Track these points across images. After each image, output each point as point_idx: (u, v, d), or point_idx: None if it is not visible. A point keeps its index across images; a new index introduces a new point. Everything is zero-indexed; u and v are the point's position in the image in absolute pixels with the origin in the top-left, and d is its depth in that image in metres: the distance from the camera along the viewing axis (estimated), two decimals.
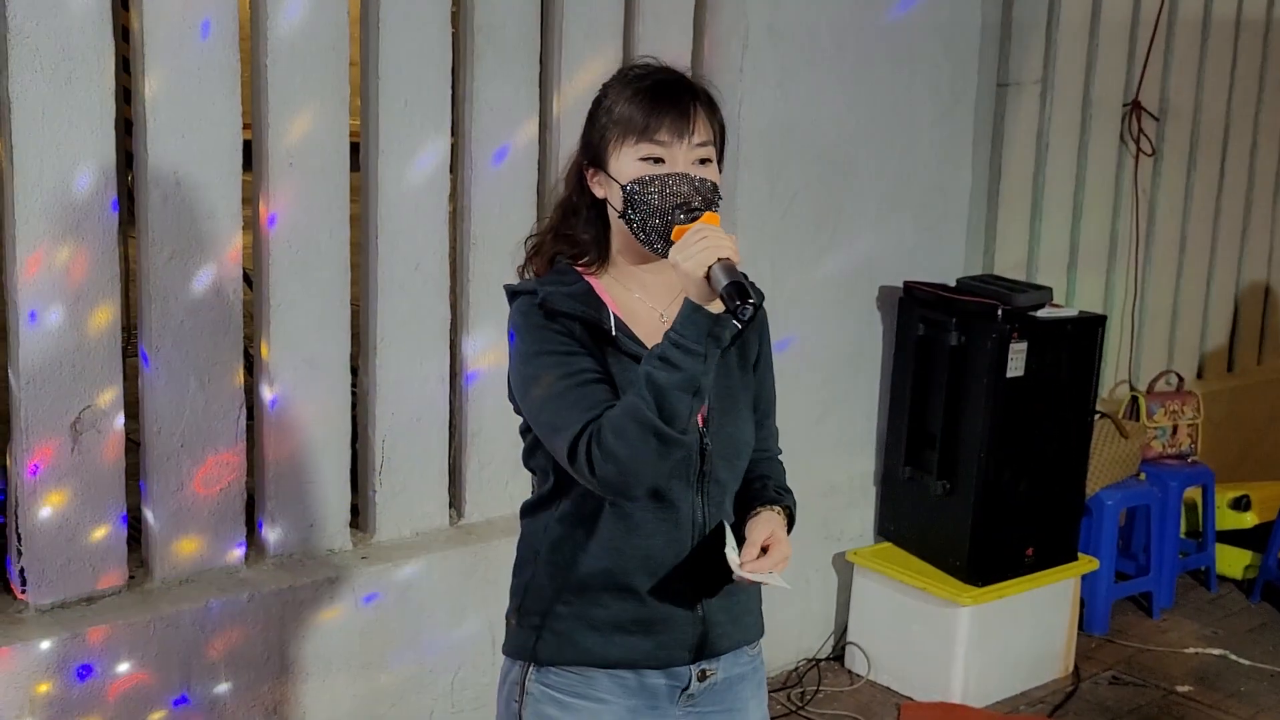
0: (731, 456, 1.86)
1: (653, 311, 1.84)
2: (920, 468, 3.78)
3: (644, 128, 1.75)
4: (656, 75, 1.81)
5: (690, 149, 1.76)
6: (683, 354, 1.65)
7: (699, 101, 1.78)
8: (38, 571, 2.64)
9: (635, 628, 1.83)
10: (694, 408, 1.67)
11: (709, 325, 1.65)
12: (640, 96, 1.77)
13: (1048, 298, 3.75)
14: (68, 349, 2.60)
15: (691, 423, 1.69)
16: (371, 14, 2.92)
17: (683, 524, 1.82)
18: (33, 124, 2.49)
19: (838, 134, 3.69)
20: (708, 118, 1.79)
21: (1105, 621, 4.19)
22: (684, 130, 1.75)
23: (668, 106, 1.76)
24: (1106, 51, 4.46)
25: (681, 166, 1.75)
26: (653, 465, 1.69)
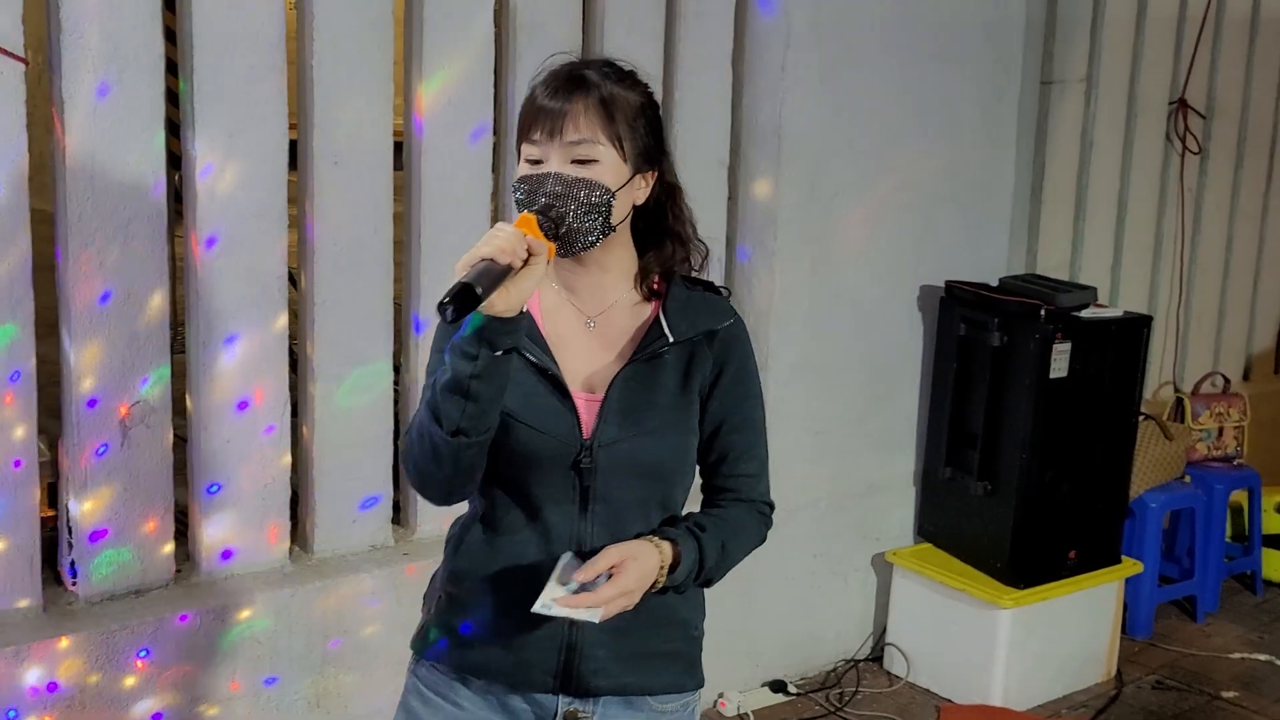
0: (629, 475, 1.73)
1: (579, 315, 1.78)
2: (961, 468, 3.76)
3: (524, 128, 1.71)
4: (549, 75, 1.73)
5: (563, 148, 1.67)
6: (456, 355, 1.59)
7: (585, 97, 1.68)
8: (88, 564, 2.68)
9: (495, 639, 1.76)
10: (467, 409, 1.59)
11: (480, 327, 1.57)
12: (530, 96, 1.72)
13: (1092, 298, 3.72)
14: (118, 344, 2.64)
15: (474, 425, 1.60)
16: (415, 13, 2.94)
17: (557, 541, 1.72)
18: (84, 122, 2.53)
19: (880, 132, 3.68)
20: (599, 115, 1.68)
21: (1149, 625, 4.16)
22: (555, 129, 1.67)
23: (546, 105, 1.69)
24: (1152, 48, 4.42)
25: (554, 166, 1.67)
26: (434, 468, 1.64)
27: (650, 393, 1.75)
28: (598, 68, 1.74)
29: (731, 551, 1.78)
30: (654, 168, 1.76)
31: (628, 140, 1.70)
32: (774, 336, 3.58)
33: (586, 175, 1.67)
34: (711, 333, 1.78)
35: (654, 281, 1.80)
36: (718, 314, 1.80)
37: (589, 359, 1.77)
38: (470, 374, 1.58)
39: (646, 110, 1.74)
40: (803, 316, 3.62)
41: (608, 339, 1.78)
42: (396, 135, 2.95)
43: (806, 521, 3.74)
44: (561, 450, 1.72)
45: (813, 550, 3.78)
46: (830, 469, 3.78)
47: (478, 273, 1.52)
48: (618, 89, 1.71)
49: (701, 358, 1.78)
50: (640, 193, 1.74)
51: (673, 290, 1.79)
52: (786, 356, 3.61)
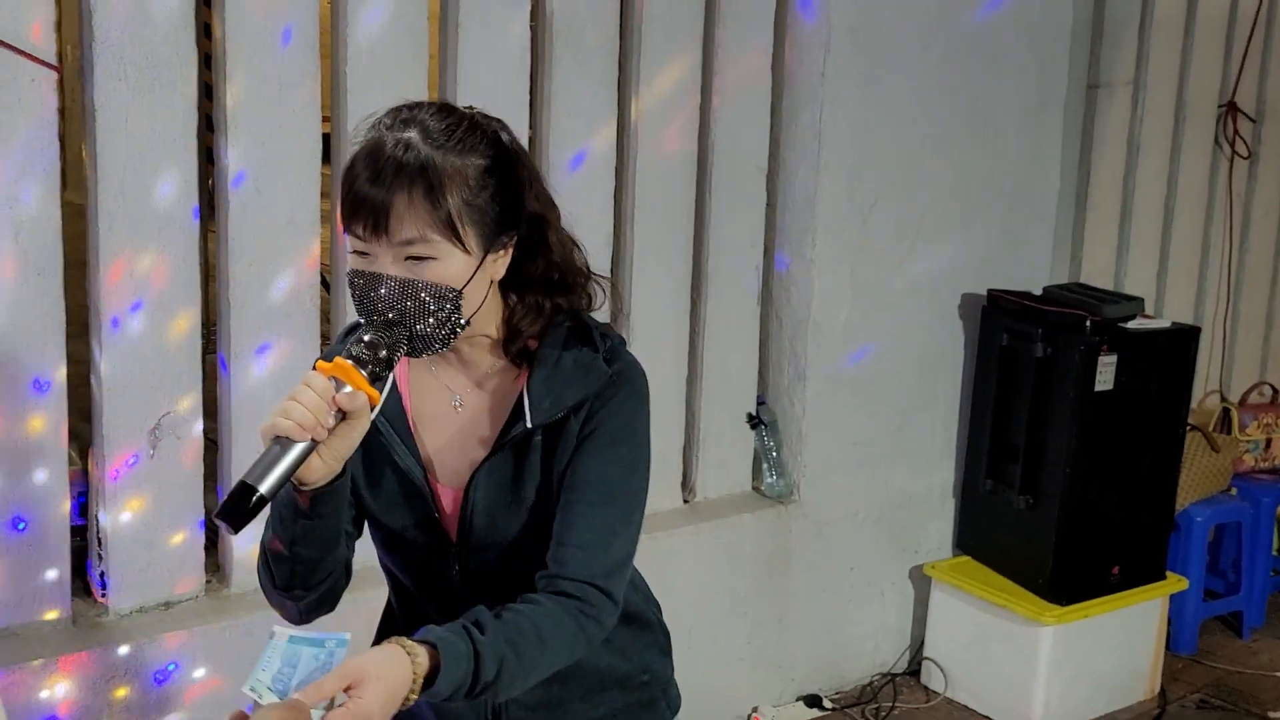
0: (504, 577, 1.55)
1: (447, 392, 1.57)
2: (1002, 481, 3.69)
3: (344, 214, 1.44)
4: (371, 149, 1.43)
5: (393, 248, 1.41)
6: (274, 517, 1.49)
7: (408, 184, 1.40)
8: (117, 576, 2.66)
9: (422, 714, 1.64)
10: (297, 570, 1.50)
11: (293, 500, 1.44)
12: (349, 167, 1.44)
13: (1139, 309, 3.64)
14: (148, 356, 2.61)
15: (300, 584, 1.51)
16: (450, 18, 2.90)
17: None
18: (116, 131, 2.50)
19: (921, 138, 3.61)
20: (424, 207, 1.40)
21: (1193, 641, 4.07)
22: (379, 226, 1.41)
23: (366, 190, 1.41)
24: (1201, 51, 4.32)
25: (386, 266, 1.42)
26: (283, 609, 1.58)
27: (516, 487, 1.53)
28: (423, 129, 1.44)
29: (526, 657, 1.44)
30: (511, 231, 1.49)
31: (469, 223, 1.43)
32: (811, 346, 3.52)
33: (425, 276, 1.42)
34: (580, 403, 1.52)
35: (530, 343, 1.56)
36: (589, 378, 1.52)
37: (455, 446, 1.57)
38: (290, 542, 1.47)
39: (491, 174, 1.46)
40: (841, 325, 3.56)
41: (475, 421, 1.57)
42: None
43: (843, 533, 3.68)
44: (433, 557, 1.58)
45: (849, 562, 3.72)
46: (867, 480, 3.71)
47: (267, 463, 1.34)
48: (450, 159, 1.42)
49: (569, 432, 1.52)
50: (499, 264, 1.50)
51: (541, 354, 1.54)
52: (824, 366, 3.55)
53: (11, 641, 2.53)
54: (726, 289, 3.43)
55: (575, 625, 1.49)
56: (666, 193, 3.27)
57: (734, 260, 3.43)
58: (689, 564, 3.35)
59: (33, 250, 2.46)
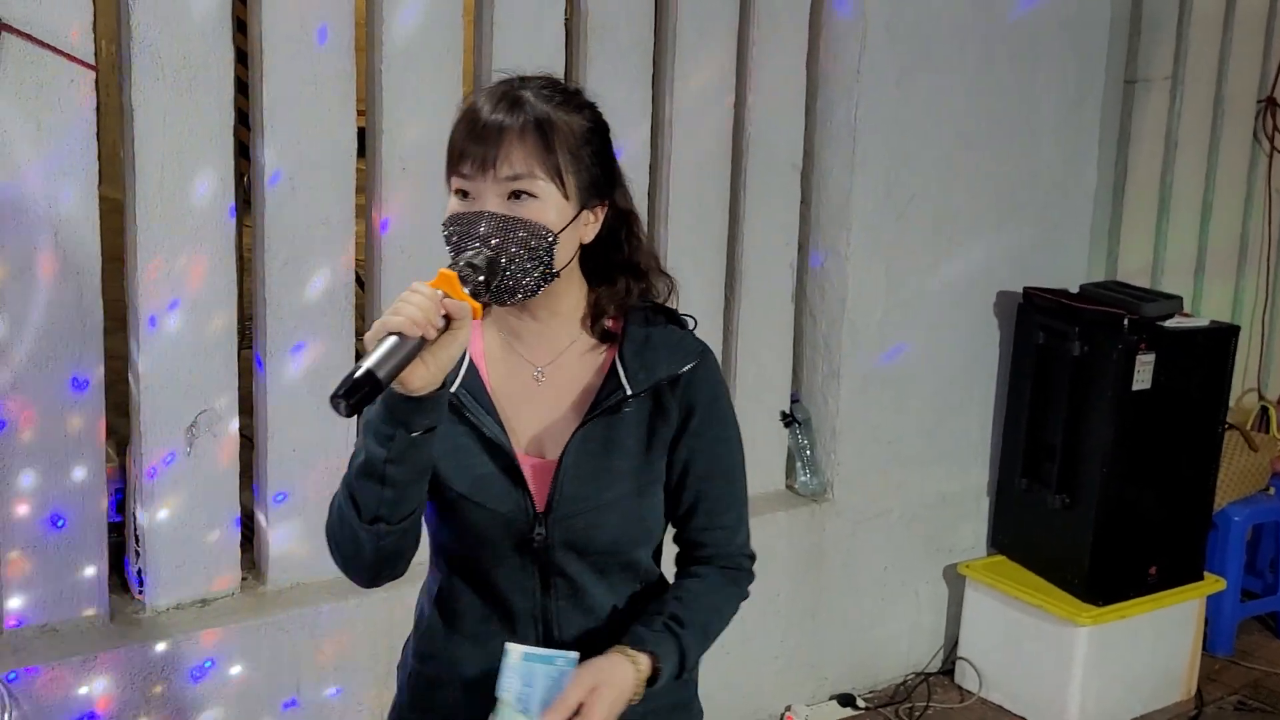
0: (589, 549, 1.57)
1: (527, 366, 1.60)
2: (1038, 480, 3.66)
3: (454, 157, 1.52)
4: (485, 97, 1.53)
5: (498, 183, 1.48)
6: (370, 437, 1.45)
7: (521, 126, 1.48)
8: (154, 573, 2.68)
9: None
10: (384, 496, 1.46)
11: (393, 405, 1.41)
12: (459, 122, 1.53)
13: (1177, 307, 3.60)
14: (185, 354, 2.62)
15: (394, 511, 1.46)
16: (485, 15, 2.89)
17: (522, 623, 1.59)
18: (154, 131, 2.51)
19: (957, 134, 3.58)
20: (536, 146, 1.48)
21: (1230, 642, 4.03)
22: (487, 161, 1.48)
23: (479, 134, 1.49)
24: (1240, 46, 4.27)
25: (489, 203, 1.48)
26: (354, 553, 1.51)
27: (609, 456, 1.57)
28: (536, 88, 1.53)
29: (713, 634, 1.64)
30: (603, 200, 1.56)
31: (571, 173, 1.50)
32: (846, 343, 3.50)
33: (524, 215, 1.48)
34: (674, 378, 1.59)
35: (608, 322, 1.61)
36: (681, 354, 1.60)
37: (539, 417, 1.59)
38: (385, 458, 1.44)
39: (593, 136, 1.55)
40: (876, 323, 3.54)
41: (559, 392, 1.60)
42: None
43: (877, 532, 3.66)
44: (511, 527, 1.56)
45: (883, 562, 3.70)
46: (901, 479, 3.69)
47: (382, 354, 1.36)
48: (559, 113, 1.51)
49: (666, 406, 1.59)
50: (589, 229, 1.56)
51: (629, 330, 1.60)
52: (858, 364, 3.53)
53: (50, 638, 2.55)
54: (760, 287, 3.42)
55: (738, 591, 1.68)
56: (700, 190, 3.25)
57: (768, 258, 3.41)
58: None
59: (71, 248, 2.47)
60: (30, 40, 2.35)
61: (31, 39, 2.35)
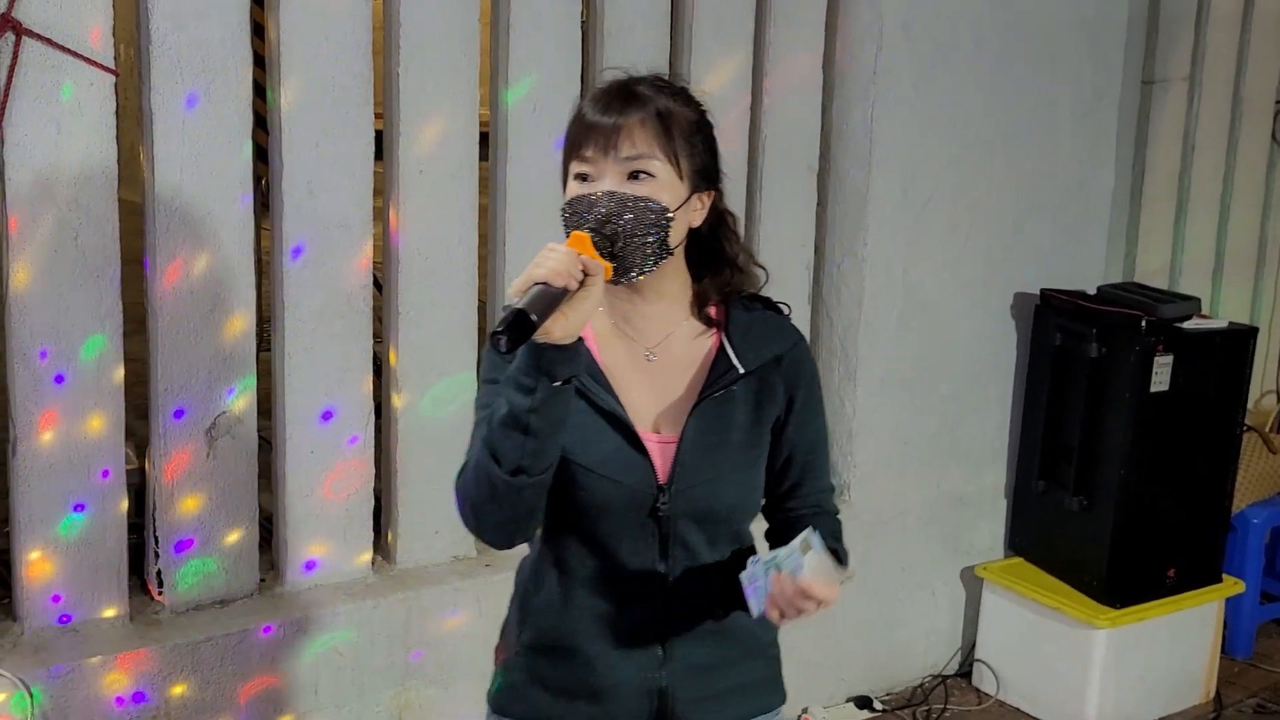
0: (704, 518, 1.67)
1: (637, 347, 1.69)
2: (1055, 482, 3.65)
3: (575, 144, 1.63)
4: (603, 90, 1.65)
5: (618, 163, 1.59)
6: (512, 388, 1.51)
7: (640, 110, 1.60)
8: (174, 574, 2.69)
9: (581, 692, 1.70)
10: (526, 446, 1.51)
11: (536, 356, 1.49)
12: (579, 112, 1.65)
13: (1195, 309, 3.59)
14: (204, 356, 2.63)
15: (534, 463, 1.52)
16: (501, 18, 2.90)
17: (642, 585, 1.67)
18: (172, 134, 2.52)
19: (974, 135, 3.57)
20: (654, 129, 1.60)
21: (1249, 645, 4.01)
22: (609, 144, 1.59)
23: (598, 120, 1.61)
24: (1259, 46, 4.25)
25: (609, 183, 1.59)
26: (493, 509, 1.56)
27: (724, 431, 1.68)
28: (650, 83, 1.66)
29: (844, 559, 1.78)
30: (711, 188, 1.68)
31: (684, 157, 1.62)
32: (862, 345, 3.49)
33: (643, 193, 1.59)
34: (778, 357, 1.72)
35: (712, 308, 1.72)
36: (782, 336, 1.74)
37: (653, 395, 1.69)
38: (528, 407, 1.50)
39: (703, 127, 1.67)
40: (893, 325, 3.53)
41: (669, 372, 1.70)
42: (482, 126, 2.90)
43: (893, 534, 3.65)
44: (637, 498, 1.65)
45: (900, 563, 3.69)
46: (918, 480, 3.69)
47: (531, 298, 1.44)
48: (673, 103, 1.64)
49: (771, 385, 1.71)
50: (697, 215, 1.67)
51: (733, 315, 1.72)
52: (875, 366, 3.52)
53: (70, 638, 2.56)
54: (777, 288, 3.32)
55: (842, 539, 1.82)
56: None
57: (785, 259, 3.41)
58: None
59: (91, 251, 2.48)
60: (50, 44, 2.36)
61: (51, 43, 2.36)
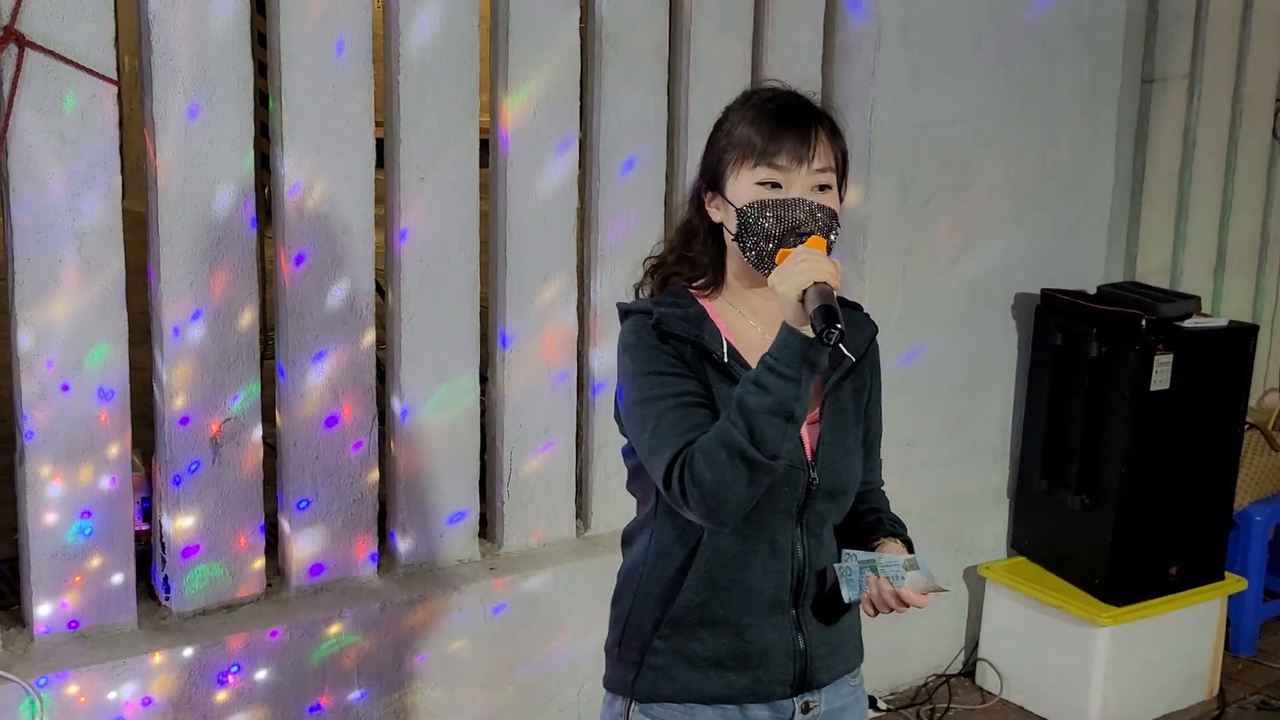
0: (836, 491, 1.82)
1: (764, 338, 1.78)
2: (1057, 481, 3.66)
3: (763, 151, 1.72)
4: (781, 99, 1.77)
5: (810, 174, 1.72)
6: (775, 377, 1.61)
7: (822, 127, 1.74)
8: (181, 580, 2.71)
9: (733, 663, 1.80)
10: (787, 432, 1.63)
11: (803, 349, 1.61)
12: (762, 119, 1.74)
13: (1195, 307, 3.60)
14: (209, 363, 2.66)
15: (785, 448, 1.64)
16: (501, 24, 2.92)
17: (782, 556, 1.79)
18: (175, 143, 2.54)
19: (973, 135, 3.58)
20: (830, 144, 1.75)
21: (1253, 642, 4.02)
22: (804, 155, 1.71)
23: (789, 130, 1.72)
24: (1259, 43, 4.25)
25: (799, 192, 1.71)
26: (742, 491, 1.65)
27: (844, 413, 1.84)
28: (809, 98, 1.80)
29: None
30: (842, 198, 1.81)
31: (842, 169, 1.77)
32: None
33: (827, 203, 1.73)
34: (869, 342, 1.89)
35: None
36: (868, 326, 1.90)
37: None
38: (795, 395, 1.61)
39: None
40: (893, 326, 3.54)
41: None
42: (482, 133, 2.92)
43: None
44: (793, 475, 1.76)
45: None
46: (921, 480, 3.70)
47: (824, 296, 1.59)
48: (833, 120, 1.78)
49: (863, 371, 1.87)
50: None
51: None
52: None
53: (79, 644, 2.58)
54: None
55: None
56: None
57: None
58: None
59: (95, 260, 2.50)
60: (53, 56, 2.38)
61: (54, 54, 2.38)
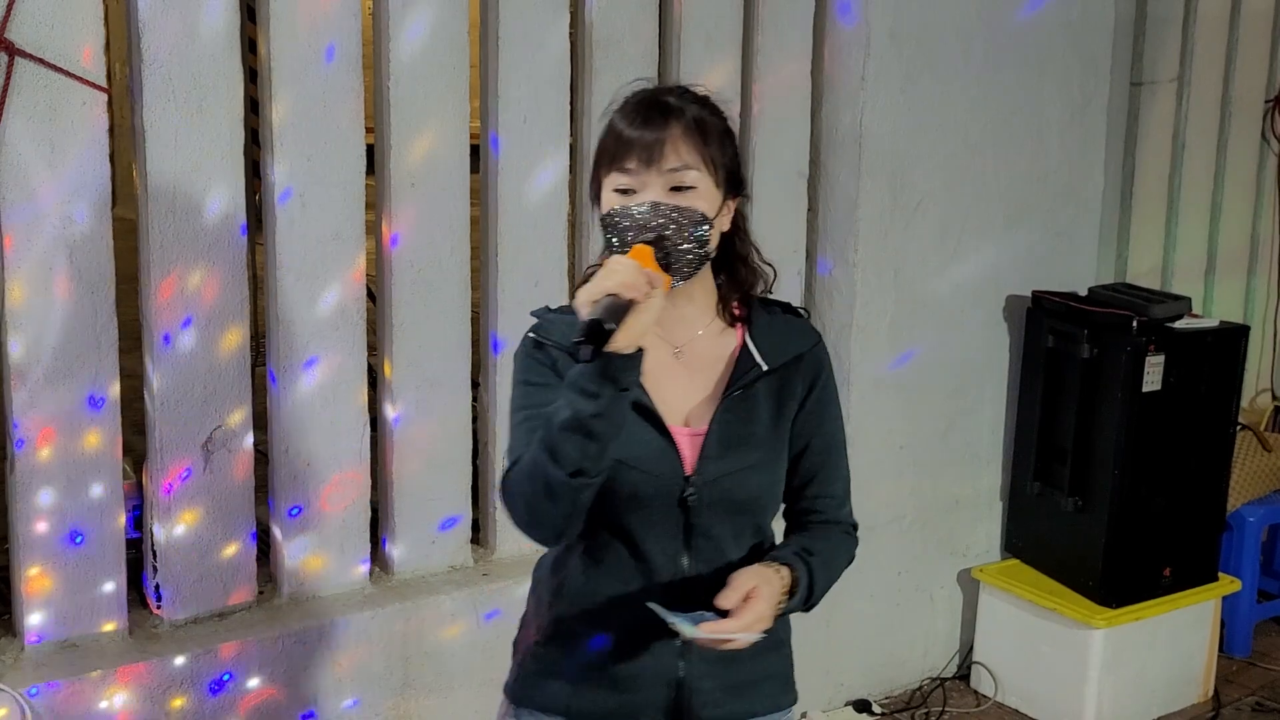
0: (729, 509, 1.71)
1: (666, 346, 1.74)
2: (1050, 483, 3.66)
3: (613, 156, 1.65)
4: (637, 99, 1.68)
5: (662, 175, 1.63)
6: (575, 394, 1.55)
7: (678, 123, 1.64)
8: (172, 587, 2.71)
9: (601, 680, 1.74)
10: (587, 449, 1.55)
11: (601, 366, 1.53)
12: (616, 123, 1.67)
13: (1186, 308, 3.60)
14: (199, 371, 2.65)
15: (593, 465, 1.56)
16: (491, 30, 2.92)
17: (661, 576, 1.71)
18: (166, 151, 2.54)
19: (963, 139, 3.59)
20: (688, 140, 1.64)
21: (1247, 644, 4.02)
22: (652, 156, 1.62)
23: (638, 131, 1.64)
24: (1247, 46, 4.27)
25: (653, 194, 1.62)
26: (550, 508, 1.60)
27: (748, 425, 1.73)
28: (678, 93, 1.70)
29: (833, 575, 1.78)
30: (737, 194, 1.73)
31: (719, 165, 1.67)
32: (855, 350, 3.51)
33: (685, 203, 1.63)
34: (799, 356, 1.77)
35: (734, 308, 1.78)
36: (803, 336, 1.79)
37: (682, 392, 1.74)
38: (592, 413, 1.54)
39: (730, 134, 1.73)
40: (885, 329, 3.55)
41: (697, 370, 1.75)
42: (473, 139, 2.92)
43: (890, 537, 3.67)
44: (666, 488, 1.70)
45: (897, 567, 3.70)
46: (914, 484, 3.70)
47: (605, 308, 1.50)
48: (704, 112, 1.68)
49: (792, 383, 1.76)
50: (726, 219, 1.72)
51: (755, 315, 1.78)
52: (868, 370, 3.54)
53: (70, 653, 2.58)
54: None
55: (848, 549, 1.83)
56: None
57: (776, 265, 3.37)
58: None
59: (86, 268, 2.50)
60: (42, 64, 2.38)
61: (44, 62, 2.38)
